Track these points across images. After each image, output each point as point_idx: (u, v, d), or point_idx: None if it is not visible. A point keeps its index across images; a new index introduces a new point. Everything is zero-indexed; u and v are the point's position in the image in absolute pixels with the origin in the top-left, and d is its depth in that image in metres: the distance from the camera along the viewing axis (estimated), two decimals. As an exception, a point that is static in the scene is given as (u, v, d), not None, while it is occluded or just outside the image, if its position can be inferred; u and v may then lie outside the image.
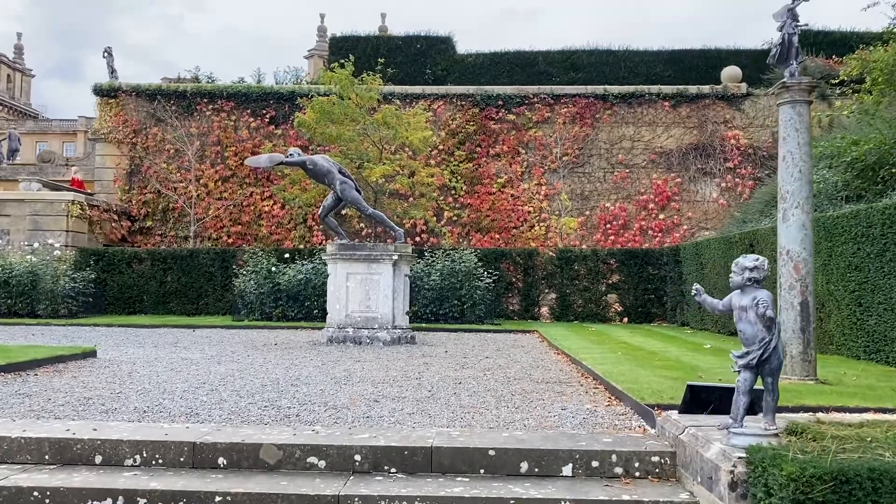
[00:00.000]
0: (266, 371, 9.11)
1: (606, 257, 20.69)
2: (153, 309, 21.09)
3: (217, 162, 24.69)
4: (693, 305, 17.41)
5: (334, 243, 13.22)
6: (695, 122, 24.29)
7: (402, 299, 13.01)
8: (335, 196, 13.34)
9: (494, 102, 24.44)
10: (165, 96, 24.99)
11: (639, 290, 20.38)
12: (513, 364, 10.17)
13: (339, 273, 12.94)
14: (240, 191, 24.46)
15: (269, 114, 24.76)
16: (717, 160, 23.95)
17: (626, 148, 24.28)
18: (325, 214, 13.50)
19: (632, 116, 24.41)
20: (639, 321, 20.25)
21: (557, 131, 24.29)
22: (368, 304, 12.84)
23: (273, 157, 12.89)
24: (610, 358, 10.00)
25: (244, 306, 18.19)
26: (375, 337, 12.70)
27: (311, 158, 13.08)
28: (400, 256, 12.86)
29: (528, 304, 20.76)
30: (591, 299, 20.54)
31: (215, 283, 20.93)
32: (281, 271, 17.97)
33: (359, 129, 20.88)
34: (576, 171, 24.26)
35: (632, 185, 24.12)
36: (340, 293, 12.90)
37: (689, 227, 23.83)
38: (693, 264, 17.32)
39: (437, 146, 24.15)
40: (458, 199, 24.13)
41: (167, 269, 21.26)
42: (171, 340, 13.40)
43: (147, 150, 24.94)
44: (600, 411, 6.53)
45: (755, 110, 24.22)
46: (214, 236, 24.35)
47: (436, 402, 6.93)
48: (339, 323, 12.90)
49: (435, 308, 17.82)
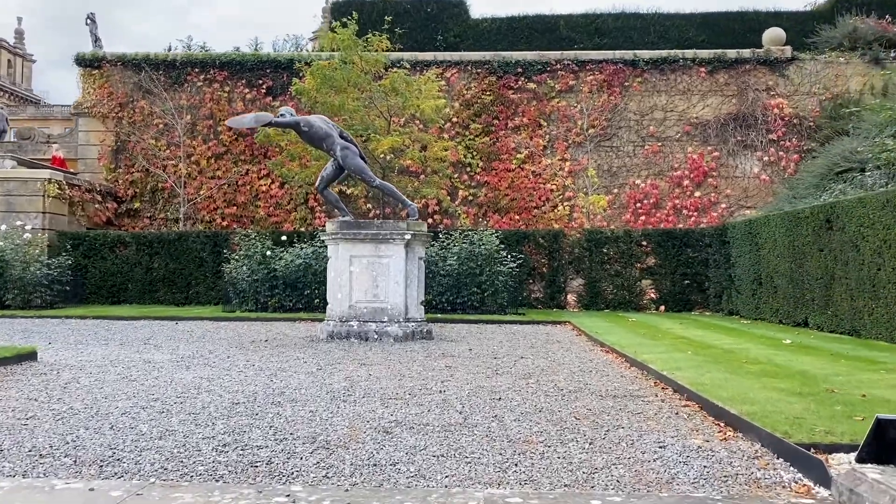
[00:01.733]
0: (244, 380, 7.06)
1: (641, 239, 18.54)
2: (139, 298, 19.09)
3: (209, 137, 22.60)
4: (745, 292, 15.28)
5: (335, 221, 11.14)
6: (734, 90, 22.04)
7: (416, 286, 10.93)
8: (335, 164, 11.26)
9: (513, 70, 22.23)
10: (153, 66, 22.88)
11: (677, 275, 18.24)
12: (557, 367, 8.09)
13: (342, 256, 10.86)
14: (234, 169, 22.38)
15: (266, 84, 22.63)
16: (758, 132, 21.71)
17: (657, 119, 22.06)
18: (325, 186, 11.41)
19: (664, 84, 22.18)
20: (677, 309, 18.13)
21: (583, 101, 22.08)
22: (376, 292, 10.77)
23: (260, 117, 10.79)
24: (682, 359, 7.90)
25: (236, 295, 16.16)
26: (385, 332, 10.63)
27: (306, 119, 10.97)
28: (413, 236, 10.78)
29: (553, 292, 18.65)
30: (624, 285, 18.41)
31: (206, 270, 18.90)
32: (277, 256, 15.92)
33: (364, 98, 18.77)
34: (603, 144, 22.06)
35: (664, 160, 21.92)
36: (343, 280, 10.84)
37: (727, 206, 21.64)
38: (745, 245, 15.16)
39: (450, 118, 21.99)
40: (474, 176, 21.99)
41: (153, 254, 19.24)
42: (144, 336, 11.37)
43: (134, 125, 22.87)
44: (718, 450, 4.44)
45: (801, 76, 21.94)
46: (207, 218, 22.30)
47: (472, 434, 4.87)
48: (341, 315, 10.83)
49: (451, 296, 15.75)
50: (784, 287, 13.40)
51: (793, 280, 13.01)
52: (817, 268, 12.05)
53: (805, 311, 12.64)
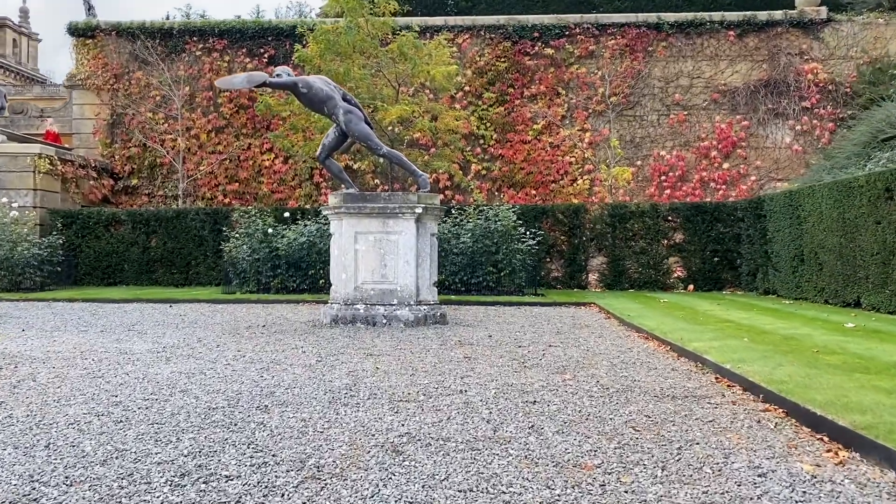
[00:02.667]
0: (229, 376, 6.00)
1: (668, 213, 17.34)
2: (135, 279, 18.11)
3: (209, 110, 21.48)
4: (784, 270, 14.10)
5: (338, 193, 10.03)
6: (764, 55, 20.67)
7: (428, 266, 9.83)
8: (338, 130, 10.12)
9: (529, 34, 20.93)
10: (149, 35, 21.71)
11: (707, 252, 17.05)
12: (594, 358, 6.99)
13: (346, 232, 9.77)
14: (236, 143, 21.26)
15: (268, 52, 21.44)
16: (791, 99, 20.37)
17: (683, 86, 20.75)
18: (326, 155, 10.29)
19: (690, 49, 20.84)
20: (707, 288, 16.98)
21: (603, 67, 20.78)
22: (384, 272, 9.68)
23: (253, 77, 9.64)
24: (739, 348, 6.78)
25: (236, 276, 15.12)
26: (394, 316, 9.55)
27: (304, 79, 9.82)
28: (425, 210, 9.66)
29: (573, 270, 17.52)
30: (650, 263, 17.24)
31: (206, 249, 17.87)
32: (279, 234, 14.84)
33: (371, 66, 17.57)
34: (625, 114, 20.79)
35: (690, 130, 20.64)
36: (347, 259, 9.75)
37: (757, 178, 20.38)
38: (785, 219, 13.95)
39: (462, 87, 20.75)
40: (488, 149, 20.80)
41: (150, 232, 18.21)
42: (130, 321, 10.34)
43: (130, 98, 21.77)
44: (841, 481, 3.33)
45: (837, 39, 20.54)
46: (208, 195, 21.24)
47: (506, 454, 3.78)
48: (345, 298, 9.76)
49: (465, 276, 14.66)
50: (832, 264, 12.21)
51: (842, 256, 11.83)
52: (873, 242, 10.86)
53: (857, 291, 11.47)
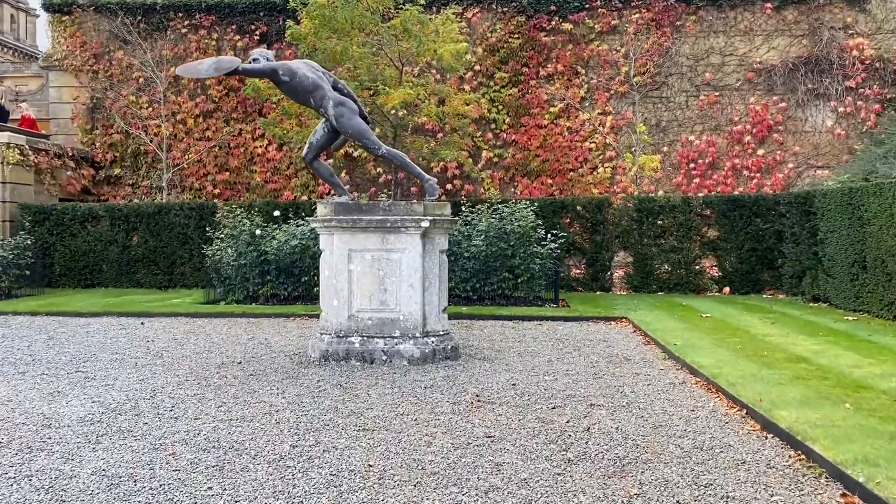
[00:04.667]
0: (169, 484, 4.40)
1: (702, 207, 15.63)
2: (115, 281, 16.55)
3: (196, 93, 19.75)
4: (839, 276, 12.41)
5: (329, 202, 8.38)
6: (804, 29, 18.77)
7: (436, 290, 8.20)
8: (328, 126, 8.45)
9: (546, 8, 19.06)
10: (131, 11, 19.94)
11: (744, 251, 15.36)
12: (656, 438, 5.38)
13: (338, 250, 8.13)
14: (226, 129, 19.57)
15: (260, 29, 19.65)
16: (833, 78, 18.51)
17: (714, 64, 18.90)
18: (315, 155, 8.62)
19: (722, 23, 18.95)
20: (744, 291, 15.31)
21: (627, 44, 18.92)
22: (384, 298, 8.05)
23: (222, 63, 7.94)
24: (850, 426, 5.14)
25: (220, 282, 13.52)
26: (396, 351, 7.94)
27: (286, 65, 8.12)
28: (433, 223, 8.00)
29: (595, 271, 15.87)
30: (681, 263, 15.57)
31: (192, 247, 16.27)
32: (268, 235, 13.21)
33: (371, 44, 15.82)
34: (651, 95, 18.97)
35: (722, 113, 18.84)
36: (340, 281, 8.12)
37: (795, 166, 18.61)
38: (842, 218, 12.23)
39: (472, 66, 18.96)
40: (500, 134, 19.05)
41: (131, 229, 16.62)
42: (87, 353, 8.77)
43: (111, 80, 20.06)
44: None
45: (885, 11, 18.62)
46: (196, 186, 19.60)
47: None
48: (338, 328, 8.14)
49: (477, 283, 13.02)
50: (904, 275, 10.55)
51: (919, 267, 10.16)
52: (963, 255, 9.20)
53: (938, 309, 9.82)
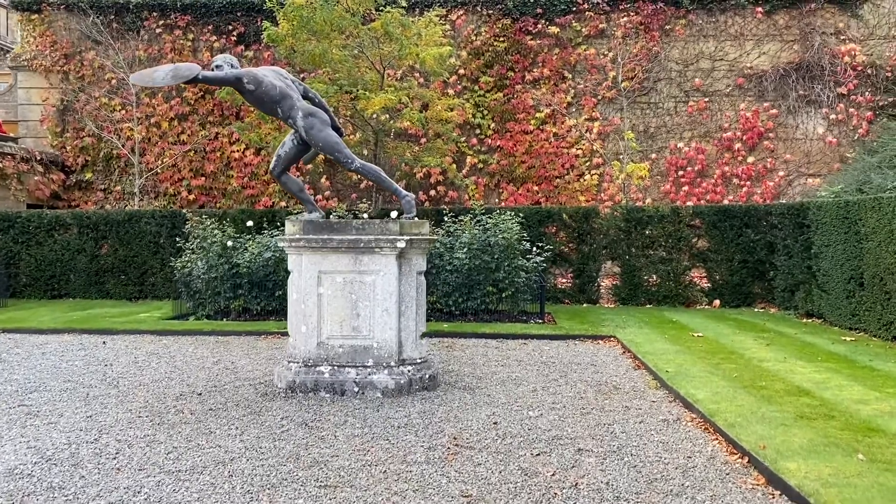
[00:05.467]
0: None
1: (691, 217, 15.17)
2: (83, 291, 15.89)
3: (171, 95, 19.10)
4: (835, 292, 11.97)
5: (298, 219, 7.79)
6: (796, 34, 18.40)
7: (413, 314, 7.64)
8: (297, 137, 7.88)
9: (532, 11, 18.56)
10: (103, 10, 19.25)
11: (735, 263, 14.91)
12: (653, 492, 4.86)
13: (307, 271, 7.56)
14: (202, 132, 18.93)
15: (237, 30, 19.02)
16: (825, 84, 18.14)
17: (704, 69, 18.48)
18: (283, 169, 8.04)
19: (712, 27, 18.53)
20: (735, 304, 14.88)
21: (615, 48, 18.46)
22: (357, 324, 7.49)
23: (179, 70, 7.33)
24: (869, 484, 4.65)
25: (190, 296, 12.90)
26: (369, 382, 7.38)
27: (251, 72, 7.53)
28: (410, 243, 7.45)
29: (582, 283, 15.37)
30: (670, 275, 15.10)
31: (164, 257, 15.63)
32: (241, 247, 12.60)
33: (352, 46, 15.27)
34: (639, 101, 18.52)
35: (712, 119, 18.42)
36: (309, 306, 7.55)
37: (785, 174, 18.22)
38: (838, 233, 11.80)
39: (456, 70, 18.43)
40: (485, 140, 18.54)
41: (100, 238, 15.96)
42: (35, 380, 8.15)
43: (83, 81, 19.36)
44: None
45: (877, 17, 18.27)
46: (171, 191, 18.95)
47: None
48: (306, 356, 7.57)
49: (460, 298, 12.48)
50: (903, 294, 10.11)
51: (919, 287, 9.72)
52: (967, 276, 8.76)
53: (940, 331, 9.38)
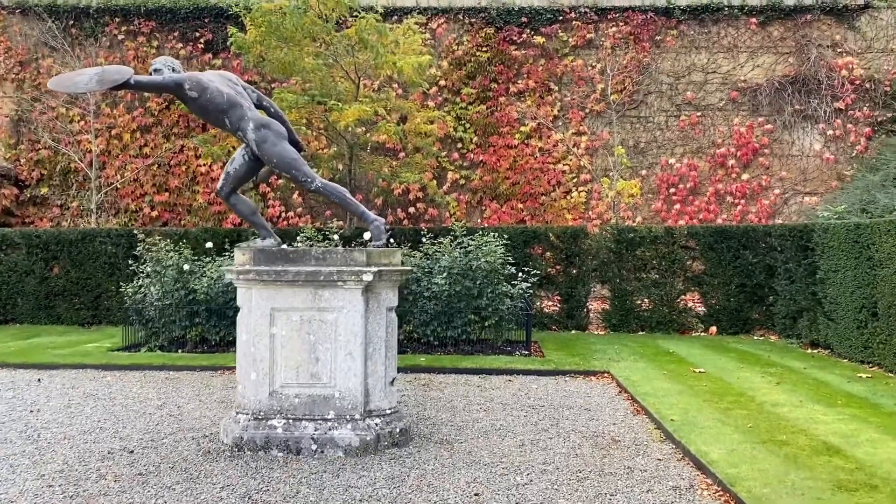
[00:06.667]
0: None
1: (686, 238, 14.27)
2: (32, 316, 14.68)
3: (134, 105, 17.99)
4: (844, 322, 11.07)
5: (248, 247, 6.74)
6: (791, 47, 17.66)
7: (382, 358, 6.59)
8: (249, 153, 6.84)
9: (517, 20, 17.69)
10: (61, 15, 18.14)
11: (732, 287, 14.00)
12: None
13: (258, 308, 6.50)
14: (166, 144, 17.82)
15: (205, 37, 17.98)
16: (821, 99, 17.40)
17: (696, 82, 17.69)
18: (232, 189, 6.99)
19: (705, 39, 17.76)
20: (733, 331, 13.95)
21: (604, 59, 17.62)
22: (315, 370, 6.42)
23: (107, 74, 6.26)
24: None
25: (143, 324, 11.75)
26: (329, 439, 6.30)
27: (194, 77, 6.48)
28: (379, 274, 6.41)
29: (571, 308, 14.38)
30: (664, 299, 14.16)
31: (119, 279, 14.42)
32: (199, 271, 11.49)
33: (326, 55, 14.29)
34: (628, 114, 17.67)
35: (704, 134, 17.61)
36: (260, 348, 6.48)
37: (781, 192, 17.43)
38: (848, 258, 10.91)
39: (436, 81, 17.49)
40: (467, 154, 17.59)
41: (51, 258, 14.77)
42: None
43: (40, 90, 18.20)
44: None
45: (875, 29, 17.59)
46: (133, 208, 17.80)
47: None
48: (256, 408, 6.49)
49: (439, 327, 11.44)
50: (924, 327, 9.21)
51: (944, 320, 8.83)
52: None
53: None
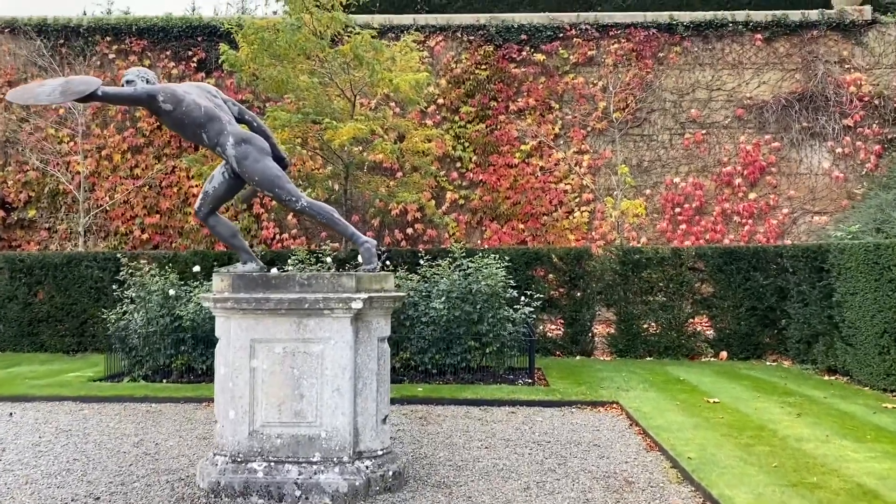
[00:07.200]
0: None
1: (694, 260, 13.74)
2: (14, 343, 14.13)
3: (125, 125, 17.56)
4: (864, 347, 10.50)
5: (227, 273, 6.21)
6: (797, 63, 17.26)
7: (373, 393, 6.03)
8: (229, 171, 6.35)
9: (516, 37, 17.31)
10: (51, 34, 17.77)
11: (742, 310, 13.43)
12: None
13: (237, 339, 5.95)
14: (157, 165, 17.36)
15: (198, 56, 17.59)
16: (830, 116, 16.96)
17: (701, 100, 17.26)
18: (211, 209, 6.48)
19: (709, 55, 17.36)
20: (744, 356, 13.37)
21: (605, 77, 17.21)
22: (300, 407, 5.87)
23: (71, 85, 5.78)
24: None
25: (126, 353, 11.20)
26: (314, 484, 5.73)
27: (169, 89, 6.02)
28: (370, 301, 5.87)
29: (575, 332, 13.80)
30: (672, 323, 13.59)
31: (107, 305, 13.90)
32: (184, 297, 10.96)
33: (321, 73, 13.87)
34: (631, 133, 17.23)
35: (710, 153, 17.15)
36: (239, 384, 5.92)
37: (790, 211, 16.92)
38: (868, 280, 10.38)
39: (434, 99, 17.08)
40: (466, 173, 17.13)
41: (35, 283, 14.24)
42: None
43: (28, 111, 17.78)
44: None
45: (883, 44, 17.20)
46: (123, 230, 17.29)
47: None
48: (235, 449, 5.92)
49: (437, 354, 10.88)
50: (953, 353, 8.66)
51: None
52: None
53: None
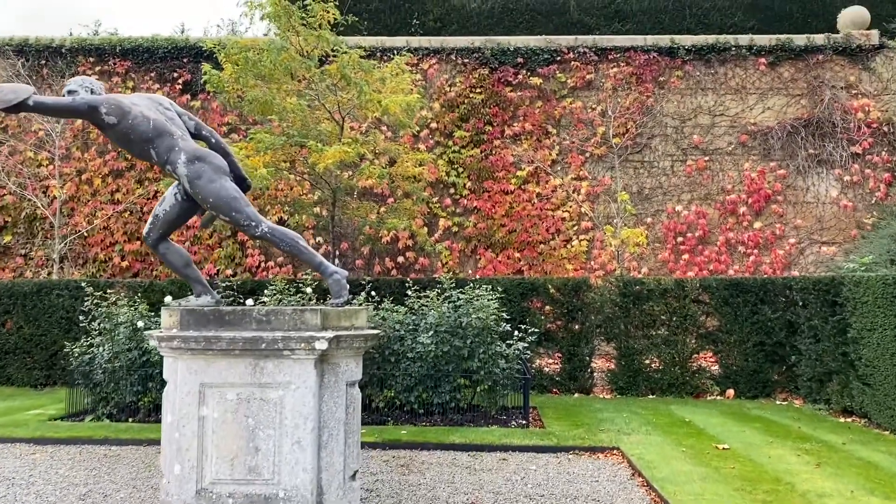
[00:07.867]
0: None
1: (698, 292, 13.01)
2: (-21, 377, 13.34)
3: (106, 148, 16.94)
4: (884, 388, 9.75)
5: (176, 307, 5.49)
6: (803, 88, 16.71)
7: (341, 446, 5.27)
8: (182, 192, 5.68)
9: (512, 60, 16.77)
10: (32, 54, 17.23)
11: (749, 345, 12.68)
12: None
13: (184, 384, 5.20)
14: (139, 190, 16.71)
15: (183, 77, 17.02)
16: (837, 143, 16.36)
17: (703, 125, 16.67)
18: (162, 234, 5.81)
19: (711, 80, 16.81)
20: (751, 394, 12.59)
21: (604, 101, 16.64)
22: (255, 462, 5.10)
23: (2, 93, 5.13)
24: None
25: (90, 389, 10.42)
26: (270, 553, 4.96)
27: (114, 100, 5.34)
28: (337, 341, 5.13)
29: (573, 368, 13.02)
30: (676, 359, 12.83)
31: (77, 336, 13.15)
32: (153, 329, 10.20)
33: (308, 94, 13.27)
34: (631, 159, 16.61)
35: (713, 180, 16.52)
36: (186, 434, 5.17)
37: (797, 241, 16.24)
38: (886, 314, 9.65)
39: (428, 123, 16.48)
40: (460, 200, 16.47)
41: (2, 312, 13.50)
42: None
43: (6, 133, 17.18)
44: None
45: (891, 70, 16.66)
46: (102, 257, 16.57)
47: None
48: (181, 510, 5.15)
49: (424, 392, 10.10)
50: None
51: None
52: None
53: None
